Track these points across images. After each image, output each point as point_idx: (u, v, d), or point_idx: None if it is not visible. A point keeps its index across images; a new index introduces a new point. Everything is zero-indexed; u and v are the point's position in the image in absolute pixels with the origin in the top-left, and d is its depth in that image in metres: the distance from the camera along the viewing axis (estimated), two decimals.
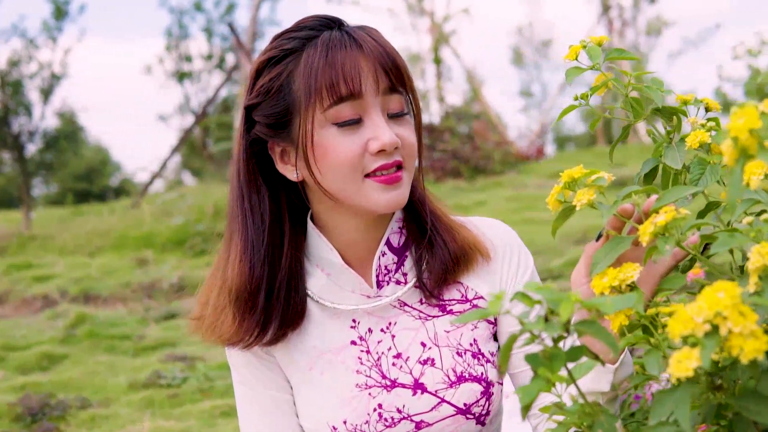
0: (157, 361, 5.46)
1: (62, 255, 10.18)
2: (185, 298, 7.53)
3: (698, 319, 0.95)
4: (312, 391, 1.60)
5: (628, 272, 1.21)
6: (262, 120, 1.54)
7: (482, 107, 15.99)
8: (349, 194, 1.51)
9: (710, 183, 1.39)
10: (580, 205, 1.29)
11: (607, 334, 1.04)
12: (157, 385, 4.96)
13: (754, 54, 16.49)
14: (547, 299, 1.03)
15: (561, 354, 1.05)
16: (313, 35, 1.51)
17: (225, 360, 5.25)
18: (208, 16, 20.95)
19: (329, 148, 1.48)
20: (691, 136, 1.43)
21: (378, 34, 1.54)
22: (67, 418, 4.51)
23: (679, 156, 1.46)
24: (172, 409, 4.51)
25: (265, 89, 1.53)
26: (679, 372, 0.95)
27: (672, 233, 1.18)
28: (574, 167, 1.36)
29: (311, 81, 1.47)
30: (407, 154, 1.52)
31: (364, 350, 1.60)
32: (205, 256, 9.37)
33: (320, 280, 1.62)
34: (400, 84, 1.52)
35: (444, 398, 1.58)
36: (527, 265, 1.70)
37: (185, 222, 10.54)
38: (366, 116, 1.49)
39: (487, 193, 11.26)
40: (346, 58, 1.47)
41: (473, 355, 1.61)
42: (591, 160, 14.23)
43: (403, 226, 1.64)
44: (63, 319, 6.90)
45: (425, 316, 1.62)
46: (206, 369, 5.12)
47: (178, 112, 23.40)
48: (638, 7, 22.69)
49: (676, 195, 1.27)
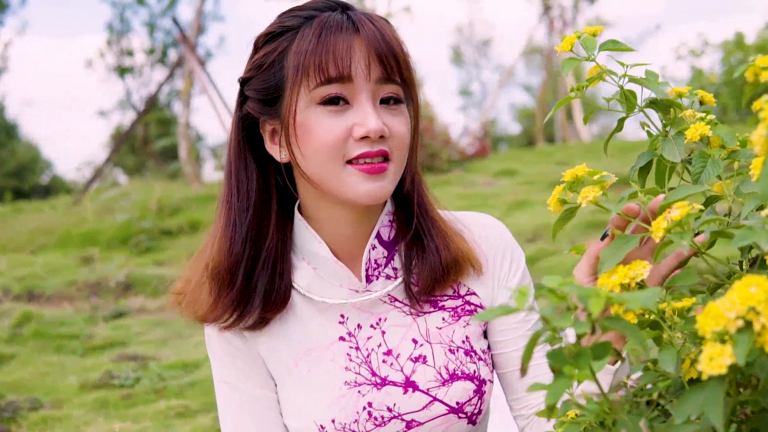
0: (109, 360, 5.36)
1: (4, 253, 9.99)
2: (133, 296, 7.42)
3: (730, 314, 0.93)
4: (299, 389, 1.55)
5: (638, 270, 1.18)
6: (253, 95, 1.52)
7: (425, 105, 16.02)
8: (329, 179, 1.46)
9: (712, 177, 1.38)
10: (586, 202, 1.27)
11: (637, 331, 1.01)
12: (110, 386, 4.87)
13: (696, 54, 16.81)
14: (577, 295, 1.00)
15: (587, 351, 1.02)
16: (313, 15, 1.48)
17: (178, 359, 5.21)
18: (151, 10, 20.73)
19: (312, 129, 1.44)
20: (691, 129, 1.41)
21: (382, 22, 1.50)
22: (18, 420, 4.40)
23: (677, 149, 1.45)
24: (126, 410, 4.42)
25: (258, 63, 1.51)
26: (712, 369, 0.93)
27: (687, 228, 1.17)
28: (513, 163, 1.34)
29: (301, 59, 1.44)
30: (395, 145, 1.48)
31: (353, 347, 1.56)
32: (151, 254, 9.27)
33: (307, 273, 1.57)
34: (396, 74, 1.48)
35: (436, 397, 1.54)
36: (519, 265, 1.67)
37: (129, 219, 10.41)
38: (354, 101, 1.45)
39: (437, 191, 11.25)
40: (340, 40, 1.44)
41: (465, 352, 1.58)
42: (534, 159, 14.36)
43: (393, 219, 1.60)
44: (7, 318, 6.75)
45: (416, 312, 1.59)
46: (159, 369, 5.04)
47: (119, 108, 23.18)
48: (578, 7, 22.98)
49: (684, 193, 1.24)
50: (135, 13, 23.17)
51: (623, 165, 11.13)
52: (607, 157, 2.19)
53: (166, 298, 1.67)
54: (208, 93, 13.15)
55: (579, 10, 23.27)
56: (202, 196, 11.49)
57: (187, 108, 14.55)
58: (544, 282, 1.02)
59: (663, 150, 1.45)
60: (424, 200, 1.61)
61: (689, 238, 1.15)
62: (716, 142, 1.45)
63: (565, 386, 1.01)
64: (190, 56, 13.49)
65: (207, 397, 4.52)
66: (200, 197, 11.45)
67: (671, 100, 1.50)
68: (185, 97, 14.46)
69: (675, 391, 1.25)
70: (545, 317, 1.02)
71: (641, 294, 1.04)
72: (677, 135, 1.47)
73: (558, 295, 1.01)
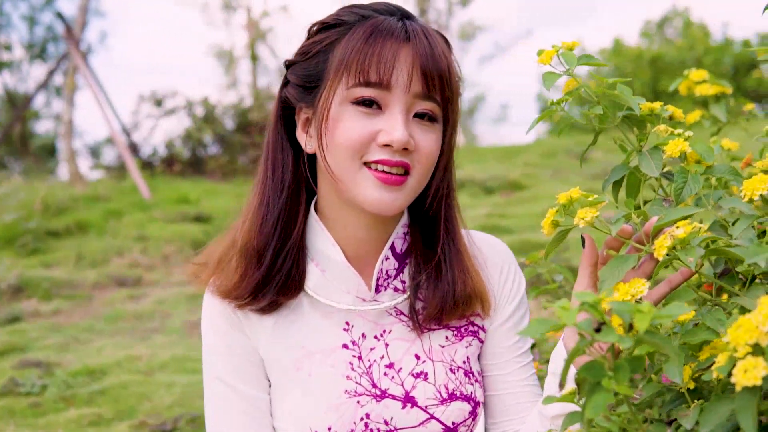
0: (10, 367, 5.15)
1: None
2: (25, 299, 7.16)
3: (764, 328, 0.97)
4: (297, 393, 1.54)
5: (638, 287, 1.22)
6: (294, 80, 1.54)
7: None
8: (345, 178, 1.47)
9: (693, 192, 1.41)
10: (583, 223, 1.30)
11: (673, 346, 1.05)
12: (15, 393, 4.68)
13: None
14: (619, 310, 1.03)
15: (626, 365, 1.05)
16: (370, 15, 1.49)
17: (83, 366, 5.06)
18: (31, 4, 20.11)
19: (340, 124, 1.46)
20: (671, 145, 1.45)
21: (437, 38, 1.51)
22: None
23: (654, 164, 1.49)
24: (35, 419, 4.26)
25: (305, 50, 1.53)
26: (747, 381, 0.97)
27: (690, 246, 1.21)
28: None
29: (345, 55, 1.45)
30: (419, 161, 1.48)
31: (356, 355, 1.55)
32: (38, 255, 8.95)
33: (314, 275, 1.57)
34: (437, 92, 1.48)
35: (433, 414, 1.54)
36: (519, 289, 1.69)
37: (16, 219, 10.04)
38: (387, 108, 1.46)
39: None
40: (387, 46, 1.45)
41: (465, 373, 1.59)
42: None
43: (407, 231, 1.60)
44: None
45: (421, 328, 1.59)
46: (66, 376, 4.87)
47: None
48: (452, 11, 23.28)
49: (678, 215, 1.28)
50: (15, 7, 22.48)
51: (508, 169, 11.36)
52: (492, 161, 2.25)
53: (184, 269, 1.67)
54: (92, 89, 12.82)
55: (452, 14, 23.58)
56: (87, 196, 11.19)
57: (70, 105, 14.14)
58: (580, 297, 1.05)
59: (640, 164, 1.49)
60: (454, 227, 1.62)
61: (694, 255, 1.20)
62: (693, 157, 1.49)
63: (606, 399, 1.03)
64: (75, 52, 13.12)
65: (119, 404, 4.41)
66: (86, 197, 11.15)
67: (646, 115, 1.54)
68: (69, 93, 14.04)
69: (672, 400, 1.30)
70: (582, 332, 1.04)
71: (675, 308, 1.07)
72: (653, 150, 1.51)
73: (599, 311, 1.03)
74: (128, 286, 7.70)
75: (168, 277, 8.04)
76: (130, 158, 12.44)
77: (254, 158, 13.70)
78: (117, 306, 6.91)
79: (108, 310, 6.79)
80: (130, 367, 5.04)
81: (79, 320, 6.52)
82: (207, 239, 7.82)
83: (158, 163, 14.11)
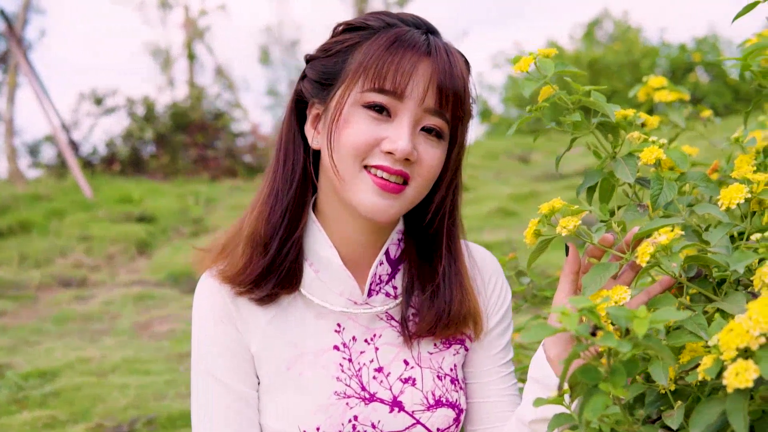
0: None
1: None
2: None
3: (755, 332, 1.01)
4: (287, 392, 1.55)
5: (620, 294, 1.26)
6: (311, 75, 1.56)
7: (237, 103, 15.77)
8: (346, 178, 1.50)
9: (669, 199, 1.45)
10: (566, 231, 1.33)
11: (667, 350, 1.08)
12: None
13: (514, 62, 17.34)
14: (618, 316, 1.06)
15: (622, 368, 1.09)
16: (396, 24, 1.52)
17: (34, 368, 5.00)
18: None
19: (349, 125, 1.48)
20: (646, 152, 1.47)
21: (458, 57, 1.54)
22: None
23: (629, 170, 1.52)
24: None
25: (327, 48, 1.56)
26: (738, 383, 1.00)
27: (673, 253, 1.24)
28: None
29: (365, 59, 1.48)
30: (419, 173, 1.51)
31: (346, 358, 1.57)
32: None
33: (308, 276, 1.59)
34: (448, 110, 1.51)
35: (420, 420, 1.57)
36: (505, 301, 1.72)
37: None
38: (396, 117, 1.49)
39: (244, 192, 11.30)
40: (407, 57, 1.47)
41: (452, 380, 1.62)
42: None
43: (401, 238, 1.63)
44: None
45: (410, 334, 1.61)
46: (17, 378, 4.81)
47: None
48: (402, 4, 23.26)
49: (659, 224, 1.30)
50: None
51: None
52: None
53: (191, 256, 1.68)
54: (33, 87, 12.62)
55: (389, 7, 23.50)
56: (28, 195, 11.01)
57: (11, 103, 13.89)
58: (576, 303, 1.09)
59: (615, 170, 1.52)
60: (458, 247, 1.64)
61: (678, 260, 1.24)
62: (667, 164, 1.53)
63: (604, 402, 1.07)
64: (16, 49, 12.91)
65: (73, 407, 4.36)
66: (27, 196, 10.96)
67: (619, 122, 1.57)
68: (10, 91, 13.79)
69: (654, 401, 1.34)
70: (579, 336, 1.08)
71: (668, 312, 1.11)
72: (628, 156, 1.54)
73: (597, 316, 1.07)
74: (73, 287, 7.61)
75: (113, 278, 7.96)
76: (71, 157, 12.25)
77: (195, 158, 13.60)
78: (63, 307, 6.83)
79: (55, 311, 6.71)
80: (82, 368, 4.99)
81: (26, 321, 6.44)
82: (151, 240, 7.81)
83: (98, 162, 13.89)
